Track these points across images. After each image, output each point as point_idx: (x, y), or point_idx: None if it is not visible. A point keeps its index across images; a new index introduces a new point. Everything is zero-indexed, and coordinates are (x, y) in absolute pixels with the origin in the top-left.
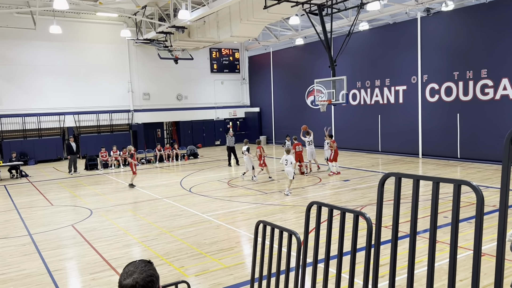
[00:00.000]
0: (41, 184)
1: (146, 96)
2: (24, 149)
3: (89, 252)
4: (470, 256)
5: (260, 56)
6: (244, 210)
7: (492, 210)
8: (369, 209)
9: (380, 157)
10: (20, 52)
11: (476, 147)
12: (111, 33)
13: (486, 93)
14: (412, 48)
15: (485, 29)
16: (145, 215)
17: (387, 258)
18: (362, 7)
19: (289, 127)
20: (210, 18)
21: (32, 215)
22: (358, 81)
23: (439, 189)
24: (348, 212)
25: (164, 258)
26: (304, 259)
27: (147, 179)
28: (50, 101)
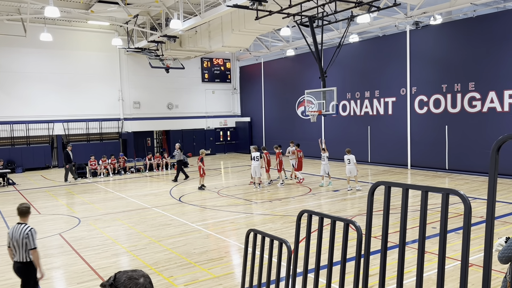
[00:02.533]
0: (28, 192)
1: (136, 105)
2: (11, 157)
3: (77, 261)
4: (458, 266)
5: (251, 66)
6: (234, 220)
7: (480, 221)
8: (358, 219)
9: (369, 168)
10: (9, 59)
11: (464, 158)
12: (102, 41)
13: (474, 105)
14: (401, 60)
15: (473, 42)
16: (134, 224)
17: (376, 268)
18: (352, 19)
19: (279, 137)
20: (202, 28)
21: None
22: (348, 92)
23: (427, 198)
24: (338, 221)
25: (153, 268)
26: (294, 269)
27: (137, 188)
28: (39, 109)
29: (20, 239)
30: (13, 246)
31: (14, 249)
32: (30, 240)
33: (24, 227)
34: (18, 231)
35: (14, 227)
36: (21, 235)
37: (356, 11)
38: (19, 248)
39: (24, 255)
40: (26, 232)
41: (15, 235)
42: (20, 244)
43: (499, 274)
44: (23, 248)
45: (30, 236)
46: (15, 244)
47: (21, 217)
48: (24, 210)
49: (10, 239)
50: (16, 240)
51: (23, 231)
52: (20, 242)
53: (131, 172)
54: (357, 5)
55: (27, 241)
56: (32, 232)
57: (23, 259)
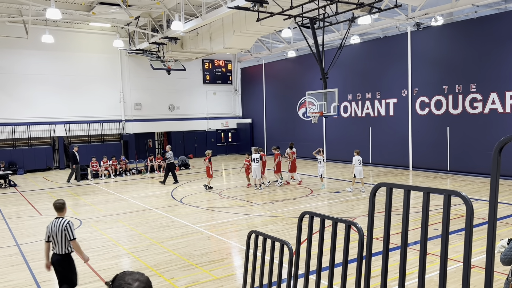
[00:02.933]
0: (29, 193)
1: (138, 106)
2: (13, 159)
3: (78, 262)
4: (460, 268)
5: (252, 67)
6: (235, 221)
7: (482, 222)
8: (360, 221)
9: (370, 169)
10: (11, 61)
11: (466, 160)
12: (104, 43)
13: (475, 106)
14: (402, 61)
15: (474, 44)
16: (135, 226)
17: (378, 269)
18: (353, 21)
19: (280, 138)
20: (203, 29)
21: (20, 225)
22: (349, 93)
23: (429, 200)
24: (339, 222)
25: (154, 269)
26: (296, 270)
27: (138, 189)
28: (40, 110)
29: (60, 232)
30: (53, 239)
31: (54, 242)
32: (69, 231)
33: (62, 220)
34: (57, 225)
35: (52, 221)
36: (60, 228)
37: (357, 13)
38: (59, 241)
39: (63, 247)
40: (65, 225)
41: (54, 229)
42: (60, 236)
43: (501, 275)
44: (63, 240)
45: (68, 228)
46: (54, 237)
47: (58, 212)
48: (59, 206)
49: (49, 233)
50: (55, 233)
51: (61, 224)
52: (60, 234)
53: (132, 173)
54: (358, 7)
55: (67, 233)
56: (70, 224)
57: (63, 251)
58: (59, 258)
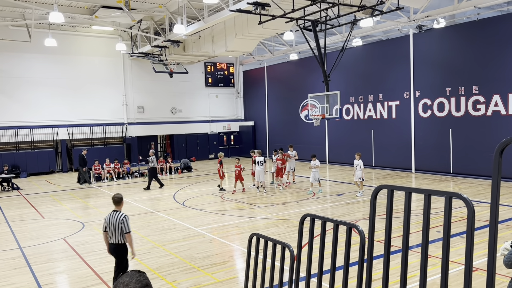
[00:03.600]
0: (32, 197)
1: (140, 109)
2: (16, 162)
3: (81, 265)
4: (462, 271)
5: (254, 70)
6: (238, 224)
7: (484, 225)
8: (362, 223)
9: (373, 172)
10: (14, 64)
11: (469, 162)
12: (106, 46)
13: (478, 109)
14: (404, 64)
15: (476, 46)
16: (138, 229)
17: (380, 272)
18: (355, 23)
19: (283, 141)
20: (205, 32)
21: (23, 228)
22: (352, 96)
23: (430, 202)
24: (341, 225)
25: (156, 272)
26: (297, 273)
27: (140, 192)
28: (43, 114)
29: (116, 224)
30: (109, 230)
31: (110, 233)
32: (125, 225)
33: (119, 214)
34: (114, 218)
35: (110, 214)
36: (117, 221)
37: (359, 15)
38: (115, 232)
39: (119, 238)
40: (121, 218)
41: (111, 221)
42: (116, 228)
43: (504, 278)
44: (118, 232)
45: (125, 222)
46: (111, 228)
47: (116, 206)
48: (117, 200)
49: (106, 224)
50: (112, 225)
51: (118, 217)
52: (116, 226)
53: (135, 176)
54: (360, 9)
55: (122, 226)
56: (126, 218)
57: (118, 241)
58: (114, 248)
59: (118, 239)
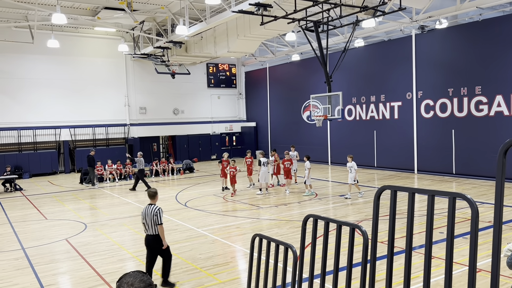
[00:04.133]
0: (35, 197)
1: (142, 110)
2: (19, 163)
3: (83, 266)
4: (466, 272)
5: (256, 71)
6: (240, 225)
7: (487, 226)
8: (365, 224)
9: (375, 173)
10: (17, 65)
11: (471, 163)
12: (109, 47)
13: (481, 109)
14: (407, 64)
15: (479, 46)
16: (140, 229)
17: (383, 273)
18: (357, 24)
19: (285, 141)
20: (207, 33)
21: (25, 229)
22: (354, 96)
23: (434, 202)
24: (344, 226)
25: (158, 273)
26: (300, 274)
27: (143, 193)
28: (46, 115)
29: (151, 216)
30: (145, 222)
31: (147, 226)
32: (158, 217)
33: (153, 207)
34: (149, 211)
35: (146, 207)
36: (152, 213)
37: (361, 16)
38: (151, 224)
39: (154, 229)
40: (155, 211)
41: (147, 213)
42: (151, 220)
43: (508, 279)
44: (153, 224)
45: (158, 214)
46: (147, 220)
47: (151, 199)
48: (152, 194)
49: (143, 217)
50: (148, 217)
51: (153, 210)
52: (151, 219)
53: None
54: (362, 10)
55: (156, 218)
56: (160, 211)
57: (153, 233)
58: (150, 239)
59: (153, 231)
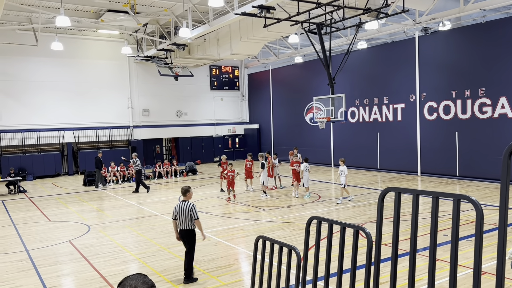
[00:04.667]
0: (39, 199)
1: (145, 113)
2: (22, 165)
3: (87, 268)
4: (471, 274)
5: (259, 73)
6: (243, 227)
7: (491, 228)
8: (368, 226)
9: (379, 175)
10: (21, 68)
11: (475, 165)
12: (112, 50)
13: (485, 111)
14: (410, 66)
15: (482, 48)
16: (143, 232)
17: (387, 276)
18: (360, 26)
19: (288, 144)
20: (211, 36)
21: (29, 230)
22: (357, 98)
23: (438, 204)
24: (348, 227)
25: (161, 275)
26: (304, 276)
27: (146, 195)
28: (49, 117)
29: (186, 212)
30: (179, 218)
31: (180, 221)
32: (193, 212)
33: (187, 203)
34: (183, 207)
35: (179, 204)
36: (186, 209)
37: (364, 18)
38: (185, 219)
39: (188, 224)
40: (190, 207)
41: (180, 210)
42: (185, 216)
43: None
44: (188, 219)
45: (193, 210)
46: (181, 216)
47: (184, 196)
48: (184, 191)
49: (176, 213)
50: (182, 213)
51: (187, 206)
52: (186, 214)
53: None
54: (365, 12)
55: (192, 214)
56: (194, 206)
57: (188, 227)
58: (185, 233)
59: (187, 226)
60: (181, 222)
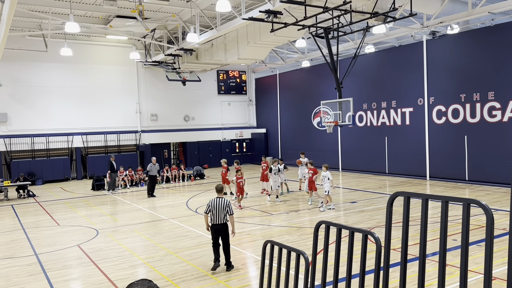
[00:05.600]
0: (48, 204)
1: (153, 117)
2: (32, 169)
3: (95, 272)
4: (481, 280)
5: (266, 78)
6: (250, 232)
7: (502, 233)
8: (377, 231)
9: (387, 179)
10: (31, 73)
11: (485, 169)
12: (121, 55)
13: (494, 115)
14: (418, 70)
15: (491, 52)
16: (151, 236)
17: (396, 281)
18: (368, 30)
19: (295, 148)
20: (218, 41)
21: (38, 235)
22: (365, 102)
23: (448, 209)
24: (356, 232)
25: (169, 280)
26: (312, 281)
27: (153, 199)
28: (59, 122)
29: (222, 208)
30: (214, 213)
31: (215, 216)
32: (230, 208)
33: (223, 199)
34: (219, 202)
35: (214, 199)
36: (223, 205)
37: (372, 22)
38: (220, 214)
39: (222, 219)
40: (227, 203)
41: (216, 205)
42: (221, 211)
43: None
44: (223, 214)
45: (230, 206)
46: (216, 211)
47: (218, 193)
48: (219, 188)
49: (211, 208)
50: (217, 208)
51: (223, 202)
52: (221, 209)
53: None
54: (373, 16)
55: (228, 209)
56: (230, 202)
57: (222, 222)
58: (219, 228)
59: (221, 220)
60: (217, 217)
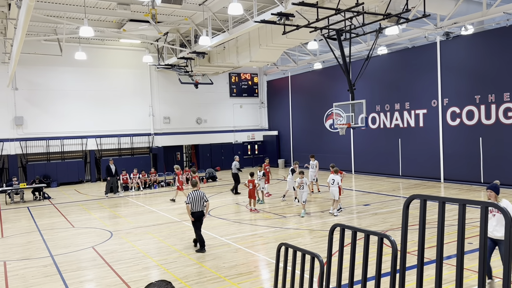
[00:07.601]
0: (63, 206)
1: (166, 120)
2: (47, 172)
3: (109, 274)
4: (499, 284)
5: (278, 80)
6: (263, 234)
7: None
8: (391, 234)
9: (401, 181)
10: (47, 77)
11: (501, 171)
12: (134, 58)
13: (510, 116)
14: (432, 72)
15: (507, 52)
16: (164, 238)
17: (412, 284)
18: (380, 31)
19: (307, 150)
20: (230, 44)
21: (53, 236)
22: (378, 104)
23: (465, 212)
24: (372, 235)
25: (183, 281)
26: (327, 284)
27: (167, 202)
28: (73, 125)
29: (199, 198)
30: (195, 203)
31: (194, 205)
32: (205, 197)
33: (200, 191)
34: (198, 194)
35: (193, 192)
36: (200, 195)
37: (385, 23)
38: (200, 203)
39: (201, 207)
40: (203, 194)
41: (197, 196)
42: (199, 200)
43: None
44: (201, 203)
45: (205, 195)
46: (197, 201)
47: (194, 187)
48: (194, 183)
49: (191, 199)
50: (197, 198)
51: (200, 193)
52: (199, 199)
53: (161, 186)
54: (386, 17)
55: (205, 197)
56: (205, 193)
57: (200, 209)
58: (200, 214)
59: (201, 208)
60: (197, 206)
